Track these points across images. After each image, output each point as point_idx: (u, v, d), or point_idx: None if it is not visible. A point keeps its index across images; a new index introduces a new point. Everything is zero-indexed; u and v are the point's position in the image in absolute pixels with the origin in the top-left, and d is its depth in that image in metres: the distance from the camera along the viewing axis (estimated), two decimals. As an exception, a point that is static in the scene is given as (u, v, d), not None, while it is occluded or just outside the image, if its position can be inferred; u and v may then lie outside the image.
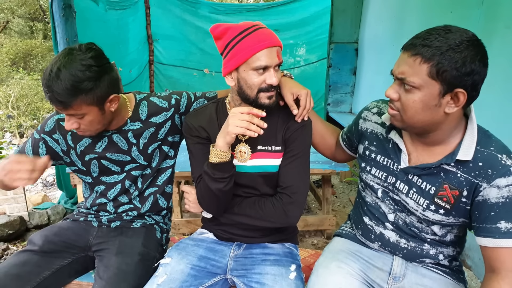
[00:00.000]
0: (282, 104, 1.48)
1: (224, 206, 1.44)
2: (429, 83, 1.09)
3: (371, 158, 1.41)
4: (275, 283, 1.33)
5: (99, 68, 1.34)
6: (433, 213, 1.26)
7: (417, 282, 1.36)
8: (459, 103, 1.10)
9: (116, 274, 1.42)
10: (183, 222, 3.14)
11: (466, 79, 1.06)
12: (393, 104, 1.21)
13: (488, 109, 2.30)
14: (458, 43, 1.05)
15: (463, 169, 1.18)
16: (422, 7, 3.55)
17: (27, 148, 1.59)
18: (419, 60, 1.09)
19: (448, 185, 1.21)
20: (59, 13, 2.71)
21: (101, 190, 1.67)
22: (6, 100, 8.76)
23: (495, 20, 2.39)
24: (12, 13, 14.18)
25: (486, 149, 1.15)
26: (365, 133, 1.45)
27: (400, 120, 1.21)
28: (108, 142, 1.58)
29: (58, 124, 1.57)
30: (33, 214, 3.42)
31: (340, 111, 5.39)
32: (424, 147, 1.27)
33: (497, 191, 1.13)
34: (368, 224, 1.45)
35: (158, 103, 1.64)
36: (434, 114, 1.14)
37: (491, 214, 1.15)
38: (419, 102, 1.13)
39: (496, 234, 1.14)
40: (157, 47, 5.39)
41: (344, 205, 4.03)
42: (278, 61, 1.33)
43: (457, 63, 1.05)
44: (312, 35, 5.63)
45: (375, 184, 1.39)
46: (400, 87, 1.17)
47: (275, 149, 1.44)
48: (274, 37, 1.32)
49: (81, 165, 1.63)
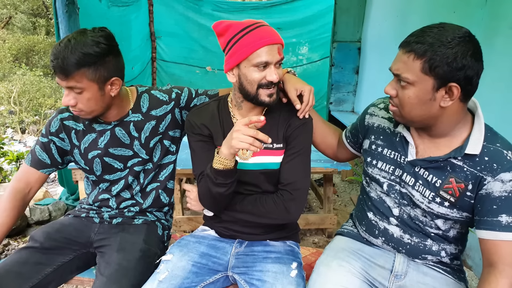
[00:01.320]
0: (285, 101, 1.50)
1: (224, 206, 1.45)
2: (422, 78, 1.14)
3: (378, 152, 1.43)
4: (276, 281, 1.33)
5: (107, 47, 1.40)
6: (438, 205, 1.27)
7: (418, 280, 1.36)
8: (454, 97, 1.14)
9: (117, 270, 1.42)
10: (184, 219, 3.14)
11: (458, 73, 1.11)
12: (392, 101, 1.26)
13: (493, 108, 2.30)
14: (450, 39, 1.10)
15: (469, 163, 1.21)
16: (425, 7, 3.54)
17: (40, 155, 1.61)
18: (412, 57, 1.14)
19: (454, 179, 1.24)
20: (62, 9, 2.71)
21: (105, 186, 1.68)
22: (8, 96, 8.75)
23: (498, 19, 2.39)
24: (15, 8, 14.18)
25: (493, 145, 1.18)
26: (372, 128, 1.48)
27: (400, 115, 1.26)
28: (110, 137, 1.60)
29: (63, 124, 1.60)
30: (34, 210, 3.42)
31: (342, 110, 5.39)
32: (430, 140, 1.30)
33: (501, 185, 1.16)
34: (372, 219, 1.46)
35: (158, 96, 1.65)
36: (430, 108, 1.18)
37: (493, 208, 1.17)
38: (414, 98, 1.18)
39: (496, 227, 1.17)
40: (160, 44, 5.37)
41: (345, 204, 4.03)
42: (278, 58, 1.34)
43: (448, 58, 1.09)
44: (315, 33, 5.61)
45: (381, 177, 1.41)
46: (397, 84, 1.22)
47: (276, 146, 1.46)
48: (275, 35, 1.33)
49: (84, 164, 1.64)
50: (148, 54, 5.27)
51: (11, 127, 8.43)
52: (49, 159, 1.62)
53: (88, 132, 1.61)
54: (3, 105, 8.77)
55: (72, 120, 1.61)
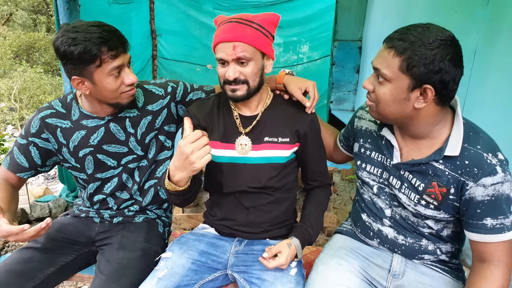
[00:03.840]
0: (287, 98, 1.54)
1: (191, 201, 1.43)
2: (399, 76, 1.13)
3: (366, 155, 1.44)
4: (276, 279, 1.34)
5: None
6: (424, 208, 1.28)
7: (416, 279, 1.36)
8: (427, 99, 1.14)
9: (116, 269, 1.42)
10: (184, 217, 3.14)
11: (434, 76, 1.10)
12: (369, 96, 1.26)
13: (495, 108, 2.30)
14: (432, 41, 1.09)
15: (450, 166, 1.20)
16: (427, 6, 3.53)
17: (17, 157, 1.53)
18: (392, 53, 1.13)
19: (436, 183, 1.24)
20: (63, 6, 2.71)
21: (96, 186, 1.63)
22: (8, 92, 8.76)
23: (500, 19, 2.38)
24: (16, 5, 14.17)
25: (473, 147, 1.17)
26: (360, 131, 1.49)
27: (375, 111, 1.26)
28: (104, 133, 1.55)
29: (44, 123, 1.52)
30: (34, 206, 3.43)
31: (342, 109, 5.38)
32: (413, 141, 1.29)
33: (483, 189, 1.16)
34: (366, 221, 1.46)
35: (154, 91, 1.63)
36: (404, 108, 1.18)
37: (477, 211, 1.18)
38: (389, 95, 1.17)
39: (482, 230, 1.18)
40: (161, 42, 5.37)
41: (345, 203, 4.03)
42: (234, 56, 1.32)
43: (426, 59, 1.09)
44: (315, 32, 5.61)
45: (371, 180, 1.42)
46: (375, 79, 1.22)
47: (282, 140, 1.47)
48: (234, 32, 1.31)
49: (74, 162, 1.58)
50: (149, 52, 5.26)
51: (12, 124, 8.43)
52: (27, 162, 1.54)
53: (76, 130, 1.53)
54: (4, 102, 8.77)
55: (55, 118, 1.53)
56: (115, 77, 1.40)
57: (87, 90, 1.42)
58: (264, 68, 1.42)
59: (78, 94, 1.58)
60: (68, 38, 1.30)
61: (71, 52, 1.30)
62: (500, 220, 1.15)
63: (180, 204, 1.40)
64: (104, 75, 1.37)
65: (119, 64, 1.38)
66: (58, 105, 1.56)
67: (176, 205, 1.42)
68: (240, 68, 1.34)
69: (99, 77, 1.37)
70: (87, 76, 1.37)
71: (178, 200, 1.35)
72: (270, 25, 1.39)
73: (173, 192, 1.30)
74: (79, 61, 1.33)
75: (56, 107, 1.55)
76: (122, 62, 1.39)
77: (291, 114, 1.50)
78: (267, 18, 1.38)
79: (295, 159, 1.55)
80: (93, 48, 1.31)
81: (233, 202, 1.53)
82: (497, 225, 1.16)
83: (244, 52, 1.32)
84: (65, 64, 1.36)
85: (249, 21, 1.34)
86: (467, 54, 1.16)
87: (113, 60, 1.36)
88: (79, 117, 1.54)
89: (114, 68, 1.37)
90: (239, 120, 1.49)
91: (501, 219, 1.15)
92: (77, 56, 1.31)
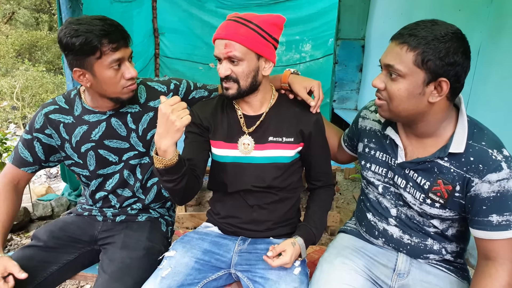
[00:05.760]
0: (291, 97, 1.53)
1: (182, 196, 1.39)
2: (414, 71, 1.13)
3: (371, 155, 1.43)
4: (280, 278, 1.33)
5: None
6: (429, 207, 1.27)
7: (421, 279, 1.36)
8: (442, 93, 1.14)
9: (120, 268, 1.41)
10: (187, 216, 3.14)
11: (449, 69, 1.11)
12: (380, 94, 1.25)
13: (499, 106, 2.29)
14: (443, 34, 1.10)
15: (455, 164, 1.20)
16: (430, 4, 3.52)
17: (22, 152, 1.54)
18: (405, 48, 1.13)
19: (442, 180, 1.23)
20: (66, 5, 2.72)
21: (98, 183, 1.63)
22: (11, 91, 8.77)
23: (504, 18, 2.37)
24: (18, 4, 14.19)
25: (478, 143, 1.17)
26: (364, 131, 1.48)
27: (387, 109, 1.24)
28: (106, 128, 1.55)
29: (48, 118, 1.53)
30: (37, 205, 3.43)
31: (345, 108, 5.36)
32: (418, 140, 1.29)
33: (488, 186, 1.15)
34: (372, 220, 1.46)
35: (156, 87, 1.64)
36: (419, 103, 1.17)
37: (483, 208, 1.17)
38: (404, 91, 1.16)
39: (488, 227, 1.17)
40: (163, 40, 5.37)
41: (348, 202, 4.02)
42: (225, 54, 1.33)
43: (441, 52, 1.09)
44: (318, 31, 5.60)
45: (376, 180, 1.41)
46: (386, 77, 1.21)
47: (286, 140, 1.47)
48: (227, 30, 1.32)
49: (77, 157, 1.59)
50: (151, 51, 5.27)
51: (14, 122, 8.45)
52: (31, 157, 1.55)
53: (78, 125, 1.54)
54: (6, 101, 8.78)
55: (58, 113, 1.54)
56: (115, 70, 1.40)
57: (88, 83, 1.42)
58: (261, 70, 1.39)
59: (81, 89, 1.59)
60: (71, 30, 1.32)
61: (72, 43, 1.32)
62: (506, 217, 1.15)
63: (176, 193, 1.35)
64: (104, 68, 1.38)
65: (119, 57, 1.38)
66: (61, 100, 1.57)
67: (173, 196, 1.38)
68: (231, 67, 1.35)
69: (99, 69, 1.38)
70: (88, 68, 1.38)
71: (171, 184, 1.29)
72: (272, 27, 1.36)
73: (163, 170, 1.25)
74: (80, 52, 1.34)
75: (60, 102, 1.56)
76: (123, 55, 1.39)
77: (296, 114, 1.49)
78: (269, 19, 1.36)
79: (299, 159, 1.54)
80: (94, 40, 1.32)
81: (237, 200, 1.52)
82: (503, 222, 1.15)
83: (234, 52, 1.31)
84: (67, 56, 1.38)
85: (247, 20, 1.33)
86: (471, 52, 1.16)
87: (113, 53, 1.37)
88: (81, 112, 1.55)
89: (114, 60, 1.38)
90: (243, 119, 1.49)
91: (507, 216, 1.15)
92: (78, 47, 1.32)
